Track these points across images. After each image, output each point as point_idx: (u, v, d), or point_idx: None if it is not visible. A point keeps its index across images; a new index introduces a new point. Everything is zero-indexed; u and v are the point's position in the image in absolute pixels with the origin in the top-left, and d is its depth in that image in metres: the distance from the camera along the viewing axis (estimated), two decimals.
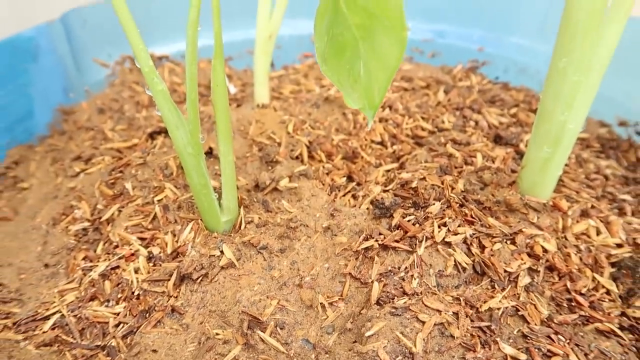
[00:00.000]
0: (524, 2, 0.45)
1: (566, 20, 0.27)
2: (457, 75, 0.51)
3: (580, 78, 0.28)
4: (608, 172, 0.39)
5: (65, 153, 0.40)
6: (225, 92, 0.28)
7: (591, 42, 0.27)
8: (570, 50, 0.28)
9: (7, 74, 0.36)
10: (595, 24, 0.26)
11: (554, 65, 0.29)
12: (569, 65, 0.28)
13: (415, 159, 0.39)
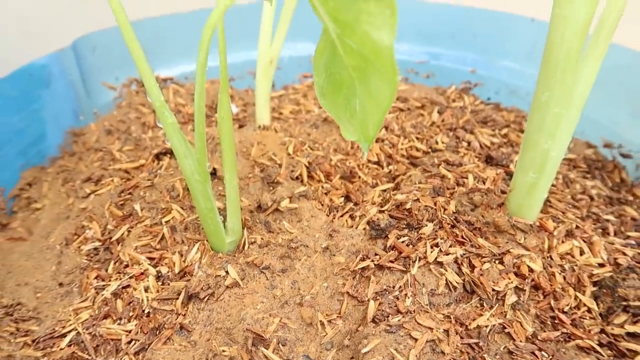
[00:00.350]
0: (514, 29, 0.47)
1: (547, 59, 0.29)
2: (450, 96, 0.53)
3: (562, 110, 0.30)
4: (593, 193, 0.41)
5: (76, 174, 0.42)
6: (230, 124, 0.30)
7: (570, 79, 0.29)
8: (551, 86, 0.30)
9: (22, 101, 0.38)
10: (573, 64, 0.29)
11: (537, 98, 0.31)
12: (551, 99, 0.30)
13: (410, 179, 0.41)
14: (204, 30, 0.25)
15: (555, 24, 0.28)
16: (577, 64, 0.29)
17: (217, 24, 0.26)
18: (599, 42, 0.29)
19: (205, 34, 0.25)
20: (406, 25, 0.54)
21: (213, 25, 0.25)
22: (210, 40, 0.26)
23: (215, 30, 0.27)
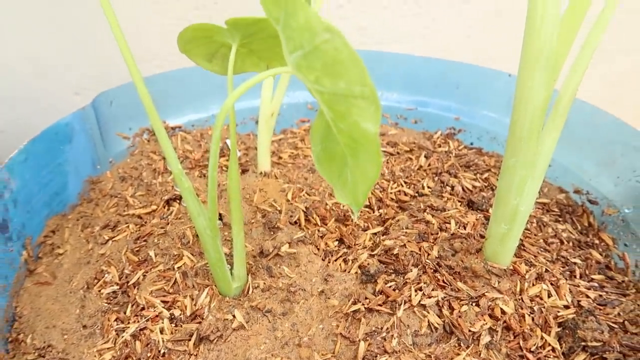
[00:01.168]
0: (492, 82, 0.52)
1: (513, 130, 0.34)
2: (436, 141, 0.58)
3: (527, 173, 0.35)
4: (564, 236, 0.46)
5: (93, 219, 0.47)
6: (238, 188, 0.35)
7: (533, 148, 0.34)
8: (518, 153, 0.34)
9: (48, 157, 0.42)
10: (535, 135, 0.33)
11: (505, 161, 0.36)
12: (517, 163, 0.35)
13: (398, 224, 0.46)
14: (218, 117, 0.30)
15: (518, 103, 0.33)
16: (539, 135, 0.34)
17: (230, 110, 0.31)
18: (557, 117, 0.34)
19: (218, 119, 0.30)
20: (396, 75, 0.59)
21: (226, 112, 0.30)
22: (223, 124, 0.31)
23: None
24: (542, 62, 0.30)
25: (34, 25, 0.72)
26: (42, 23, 0.72)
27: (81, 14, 0.71)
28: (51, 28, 0.72)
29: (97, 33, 0.73)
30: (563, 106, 0.33)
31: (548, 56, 0.30)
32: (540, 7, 0.29)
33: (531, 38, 0.30)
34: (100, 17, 0.71)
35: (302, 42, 0.27)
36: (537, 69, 0.31)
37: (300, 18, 0.27)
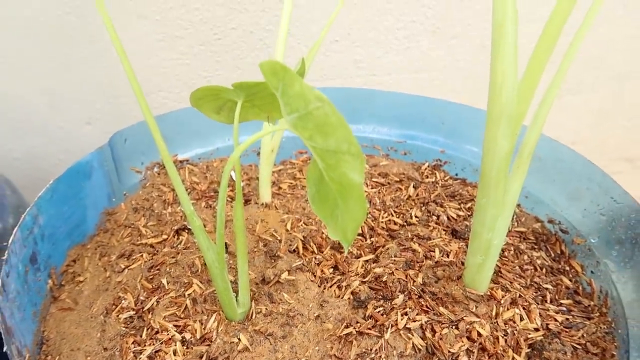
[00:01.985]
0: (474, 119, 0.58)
1: (483, 175, 0.39)
2: (424, 172, 0.63)
3: (497, 211, 0.40)
4: (538, 263, 0.51)
5: (110, 248, 0.52)
6: (243, 225, 0.40)
7: (501, 191, 0.39)
8: (488, 194, 0.40)
9: (71, 193, 0.47)
10: (502, 180, 0.39)
11: (478, 201, 0.41)
12: (488, 203, 0.40)
13: (387, 252, 0.51)
14: (225, 169, 0.35)
15: (486, 153, 0.38)
16: (506, 179, 0.39)
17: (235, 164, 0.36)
18: (521, 164, 0.39)
19: (225, 171, 0.35)
20: (387, 111, 0.64)
21: (232, 164, 0.35)
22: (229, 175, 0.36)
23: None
24: (504, 121, 0.36)
25: (50, 61, 0.77)
26: (58, 59, 0.77)
27: (93, 52, 0.77)
28: (66, 64, 0.78)
29: (107, 69, 0.79)
30: (526, 154, 0.39)
31: (508, 116, 0.35)
32: (500, 76, 0.34)
33: (493, 101, 0.35)
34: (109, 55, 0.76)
35: (297, 107, 0.32)
36: (499, 126, 0.36)
37: (295, 88, 0.32)
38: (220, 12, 0.77)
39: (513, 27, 0.33)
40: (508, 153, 0.38)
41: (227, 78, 0.82)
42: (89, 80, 0.80)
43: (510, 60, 0.34)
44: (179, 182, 0.38)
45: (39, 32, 0.75)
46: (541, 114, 0.36)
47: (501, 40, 0.34)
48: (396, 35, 0.81)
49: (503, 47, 0.34)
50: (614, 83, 0.87)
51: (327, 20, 0.78)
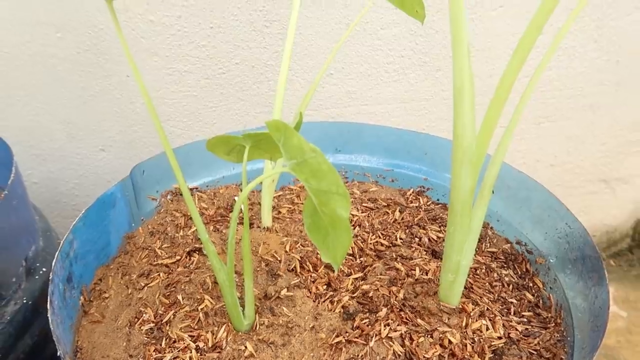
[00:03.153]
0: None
1: (450, 206, 0.47)
2: (409, 198, 0.71)
3: (464, 237, 0.48)
4: (506, 280, 0.59)
5: (130, 268, 0.60)
6: (250, 253, 0.48)
7: (467, 220, 0.47)
8: (456, 223, 0.48)
9: (98, 220, 0.55)
10: (467, 211, 0.47)
11: (448, 228, 0.49)
12: (456, 230, 0.48)
13: (374, 270, 0.59)
14: (235, 206, 0.43)
15: (452, 188, 0.46)
16: (470, 210, 0.47)
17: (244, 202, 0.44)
18: (483, 197, 0.47)
19: (236, 208, 0.43)
20: (376, 143, 0.73)
21: (241, 202, 0.43)
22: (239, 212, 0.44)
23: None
24: (465, 163, 0.44)
25: (69, 94, 0.86)
26: (76, 92, 0.86)
27: (108, 85, 0.86)
28: (83, 96, 0.86)
29: (120, 101, 0.87)
30: (486, 190, 0.47)
31: (469, 159, 0.44)
32: (460, 128, 0.43)
33: (456, 148, 0.43)
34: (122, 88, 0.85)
35: (295, 155, 0.41)
36: (462, 168, 0.44)
37: (294, 141, 0.40)
38: (224, 49, 0.86)
39: (469, 89, 0.42)
40: (471, 189, 0.46)
41: (230, 108, 0.91)
42: (103, 111, 0.88)
43: (468, 116, 0.42)
44: (196, 213, 0.46)
45: (60, 67, 0.83)
46: (497, 159, 0.45)
47: (460, 99, 0.42)
48: (386, 69, 0.90)
49: (462, 106, 0.42)
50: (587, 111, 0.96)
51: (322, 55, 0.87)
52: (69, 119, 0.89)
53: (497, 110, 0.42)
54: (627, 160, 1.03)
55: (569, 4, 0.56)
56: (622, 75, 0.93)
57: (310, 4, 0.83)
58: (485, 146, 0.44)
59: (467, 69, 0.40)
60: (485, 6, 0.86)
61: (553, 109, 0.96)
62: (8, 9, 0.78)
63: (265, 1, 0.82)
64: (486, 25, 0.87)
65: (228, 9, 0.83)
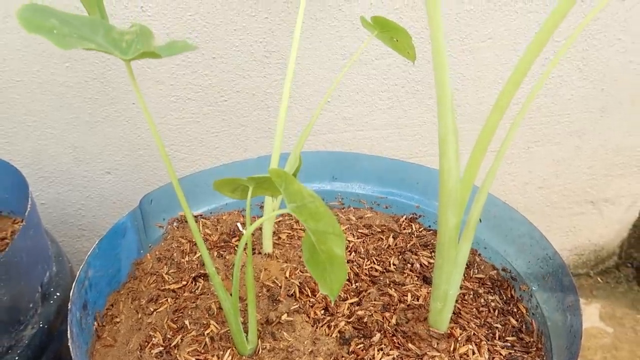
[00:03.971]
0: None
1: (438, 240, 0.52)
2: (402, 224, 0.76)
3: (451, 269, 0.53)
4: (492, 305, 0.63)
5: (139, 293, 0.64)
6: (253, 282, 0.52)
7: (453, 253, 0.52)
8: (443, 255, 0.52)
9: (110, 249, 0.60)
10: (454, 245, 0.51)
11: (436, 260, 0.54)
12: (443, 263, 0.53)
13: (369, 296, 0.63)
14: (240, 244, 0.47)
15: (440, 224, 0.51)
16: (456, 245, 0.52)
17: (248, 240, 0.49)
18: (468, 232, 0.52)
19: (240, 246, 0.48)
20: (371, 172, 0.78)
21: (245, 240, 0.48)
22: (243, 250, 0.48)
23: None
24: (451, 204, 0.49)
25: (76, 119, 0.90)
26: (83, 118, 0.90)
27: (114, 112, 0.90)
28: (90, 122, 0.91)
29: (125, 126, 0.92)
30: (471, 226, 0.52)
31: (454, 200, 0.48)
32: (446, 173, 0.47)
33: (442, 190, 0.48)
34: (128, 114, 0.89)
35: (296, 199, 0.45)
36: (448, 208, 0.49)
37: (294, 187, 0.45)
38: (226, 78, 0.90)
39: (453, 139, 0.47)
40: (456, 225, 0.51)
41: (232, 134, 0.95)
42: (109, 136, 0.93)
43: (453, 162, 0.47)
44: (203, 248, 0.51)
45: (68, 95, 0.88)
46: (479, 203, 0.49)
47: (445, 149, 0.47)
48: (380, 97, 0.95)
49: (447, 154, 0.47)
50: (573, 136, 1.01)
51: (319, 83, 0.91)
52: (76, 144, 0.93)
53: (478, 160, 0.47)
54: (613, 182, 1.08)
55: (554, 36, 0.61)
56: (607, 102, 0.99)
57: (308, 35, 0.88)
58: (469, 189, 0.49)
59: (450, 123, 0.45)
60: (474, 38, 0.91)
61: (541, 134, 1.01)
62: (21, 40, 0.82)
63: (265, 33, 0.87)
64: (475, 56, 0.92)
65: (230, 40, 0.87)
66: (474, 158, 0.47)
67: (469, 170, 0.48)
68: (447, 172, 0.47)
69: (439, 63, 0.43)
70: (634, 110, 1.00)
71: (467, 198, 0.50)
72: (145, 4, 0.82)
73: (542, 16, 0.90)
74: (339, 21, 0.87)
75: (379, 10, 0.86)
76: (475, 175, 0.49)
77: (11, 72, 0.85)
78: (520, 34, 0.91)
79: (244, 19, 0.86)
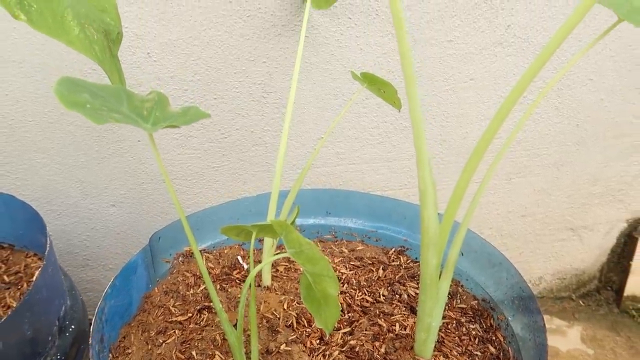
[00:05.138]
0: None
1: (421, 279, 0.59)
2: (391, 256, 0.83)
3: (433, 304, 0.60)
4: (473, 333, 0.70)
5: (148, 325, 0.70)
6: (255, 318, 0.59)
7: (434, 290, 0.59)
8: (426, 292, 0.59)
9: (123, 286, 0.66)
10: (435, 283, 0.58)
11: (420, 296, 0.60)
12: (426, 298, 0.60)
13: (360, 326, 0.70)
14: (244, 286, 0.54)
15: (422, 265, 0.58)
16: (437, 283, 0.59)
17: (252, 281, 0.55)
18: (447, 272, 0.59)
19: (243, 292, 0.54)
20: (362, 208, 0.85)
21: (250, 281, 0.54)
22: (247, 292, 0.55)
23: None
24: (432, 247, 0.56)
25: (84, 156, 0.97)
26: (91, 154, 0.97)
27: (120, 149, 0.97)
28: (97, 158, 0.97)
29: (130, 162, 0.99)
30: (449, 267, 0.59)
31: (434, 244, 0.56)
32: (427, 221, 0.55)
33: (423, 235, 0.55)
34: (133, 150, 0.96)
35: (294, 246, 0.52)
36: (429, 250, 0.56)
37: (293, 235, 0.52)
38: (226, 116, 0.98)
39: (432, 191, 0.54)
40: (436, 265, 0.58)
41: (231, 168, 1.02)
42: (115, 171, 0.99)
43: (432, 212, 0.54)
44: (211, 287, 0.57)
45: (76, 133, 0.94)
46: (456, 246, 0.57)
47: (425, 200, 0.54)
48: (371, 133, 1.02)
49: (427, 205, 0.54)
50: (552, 168, 1.09)
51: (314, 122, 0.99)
52: (83, 179, 1.00)
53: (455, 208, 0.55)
54: (590, 210, 1.16)
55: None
56: (581, 137, 1.07)
57: (303, 77, 0.96)
58: (447, 233, 0.56)
59: (429, 179, 0.53)
60: (457, 79, 0.99)
61: (522, 166, 1.09)
62: (34, 84, 0.89)
63: (263, 76, 0.95)
64: (459, 95, 1.00)
65: (230, 82, 0.95)
66: (451, 206, 0.54)
67: (447, 218, 0.55)
68: (428, 220, 0.55)
69: (417, 131, 0.50)
70: (607, 144, 1.08)
71: (445, 240, 0.57)
72: (151, 51, 0.90)
73: (519, 59, 0.98)
74: (332, 65, 0.95)
75: (368, 54, 0.94)
76: (452, 221, 0.56)
77: (24, 113, 0.92)
78: (499, 75, 0.99)
79: (244, 64, 0.93)
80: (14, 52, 0.86)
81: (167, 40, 0.89)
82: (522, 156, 1.08)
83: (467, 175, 0.53)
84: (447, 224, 0.56)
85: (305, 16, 0.77)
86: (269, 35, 0.92)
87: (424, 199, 0.54)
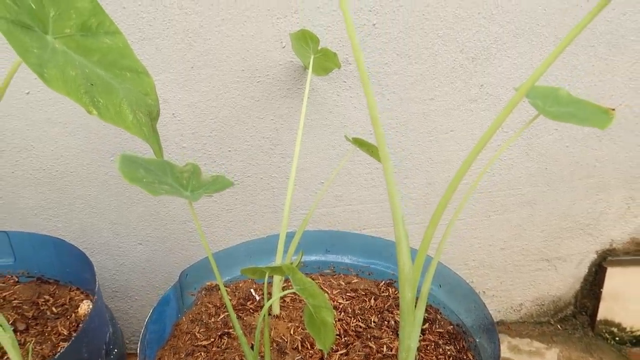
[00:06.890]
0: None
1: (400, 310, 0.75)
2: (381, 288, 0.99)
3: (411, 329, 0.76)
4: (448, 354, 0.86)
5: (178, 349, 0.87)
6: (269, 343, 0.75)
7: (411, 318, 0.75)
8: (404, 319, 0.75)
9: (159, 316, 0.83)
10: (411, 312, 0.75)
11: (400, 322, 0.77)
12: (405, 324, 0.76)
13: (354, 348, 0.86)
14: (258, 322, 0.71)
15: (400, 297, 0.75)
16: (413, 312, 0.75)
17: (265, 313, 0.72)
18: (421, 302, 0.75)
19: (259, 320, 0.71)
20: (357, 247, 1.02)
21: (262, 318, 0.71)
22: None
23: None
24: (407, 283, 0.72)
25: (115, 200, 1.14)
26: (121, 200, 1.14)
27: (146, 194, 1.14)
28: (127, 203, 1.15)
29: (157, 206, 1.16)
30: (422, 300, 0.75)
31: (409, 280, 0.72)
32: (402, 262, 0.71)
33: (400, 273, 0.72)
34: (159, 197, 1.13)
35: (299, 284, 0.69)
36: (405, 285, 0.73)
37: (298, 276, 0.69)
38: (239, 166, 1.15)
39: (405, 242, 0.71)
40: (412, 298, 0.74)
41: (243, 210, 1.20)
42: (143, 213, 1.17)
43: (406, 257, 0.71)
44: (234, 317, 0.74)
45: (110, 182, 1.12)
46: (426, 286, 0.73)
47: (400, 247, 0.71)
48: (365, 178, 1.20)
49: (401, 251, 0.71)
50: (526, 206, 1.26)
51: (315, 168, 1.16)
52: (115, 220, 1.17)
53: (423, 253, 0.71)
54: (563, 243, 1.32)
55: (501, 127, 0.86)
56: (551, 178, 1.24)
57: (306, 131, 1.14)
58: (418, 272, 0.73)
59: (402, 231, 0.69)
60: (439, 131, 1.17)
61: (499, 205, 1.26)
62: (76, 141, 1.08)
63: (271, 131, 1.13)
64: (441, 144, 1.18)
65: (242, 137, 1.13)
66: (421, 250, 0.71)
67: (418, 259, 0.72)
68: (403, 264, 0.71)
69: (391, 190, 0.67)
70: (573, 184, 1.25)
71: (418, 278, 0.73)
72: (176, 111, 1.08)
73: (491, 113, 1.16)
74: (330, 121, 1.13)
75: (360, 111, 1.12)
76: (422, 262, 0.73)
77: (67, 166, 1.10)
78: (475, 127, 1.17)
79: (254, 121, 1.11)
80: (60, 115, 1.05)
81: (190, 102, 1.07)
82: (499, 196, 1.25)
83: (432, 227, 0.70)
84: (418, 264, 0.72)
85: (307, 81, 0.95)
86: (276, 97, 1.10)
87: (399, 247, 0.71)
